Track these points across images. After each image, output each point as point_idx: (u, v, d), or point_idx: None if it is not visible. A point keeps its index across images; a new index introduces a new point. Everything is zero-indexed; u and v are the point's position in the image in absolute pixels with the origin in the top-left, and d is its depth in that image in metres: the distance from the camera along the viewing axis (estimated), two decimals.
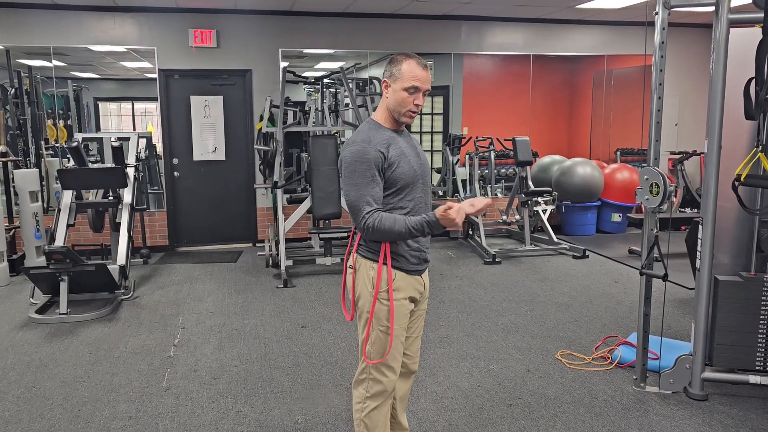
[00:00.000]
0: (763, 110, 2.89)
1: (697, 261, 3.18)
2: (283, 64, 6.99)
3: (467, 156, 7.56)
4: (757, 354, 3.18)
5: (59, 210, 5.37)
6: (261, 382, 3.48)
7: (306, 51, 7.36)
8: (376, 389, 2.25)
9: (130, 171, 5.63)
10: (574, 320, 4.50)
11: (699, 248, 3.15)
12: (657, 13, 3.09)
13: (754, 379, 3.16)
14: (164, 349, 4.01)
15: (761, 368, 3.19)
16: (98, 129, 7.40)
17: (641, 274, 3.24)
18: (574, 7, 6.85)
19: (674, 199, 6.80)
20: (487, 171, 7.75)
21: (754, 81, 2.89)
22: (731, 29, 2.96)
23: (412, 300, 2.27)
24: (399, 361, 2.28)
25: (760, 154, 2.93)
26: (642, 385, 3.34)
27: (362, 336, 2.25)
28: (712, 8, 2.98)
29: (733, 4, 2.94)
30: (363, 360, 2.26)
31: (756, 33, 2.87)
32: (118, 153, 5.48)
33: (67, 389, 3.41)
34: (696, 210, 7.16)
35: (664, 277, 3.08)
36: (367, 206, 2.09)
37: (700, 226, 3.13)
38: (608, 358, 3.75)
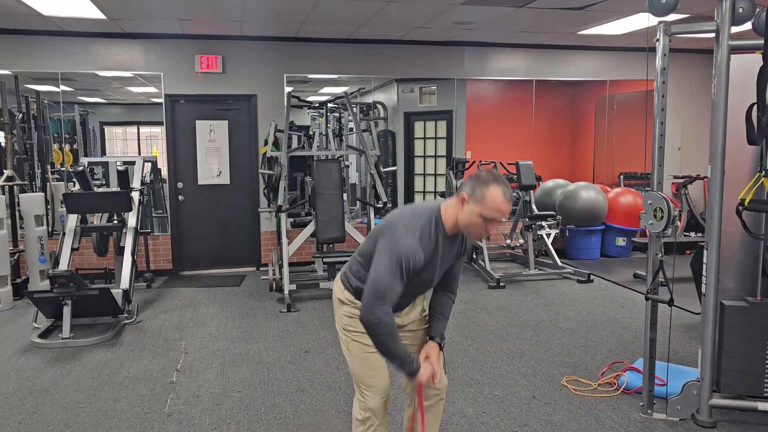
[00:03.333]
0: (765, 135, 2.90)
1: (703, 286, 3.17)
2: (287, 89, 7.07)
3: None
4: (765, 380, 3.14)
5: (64, 234, 5.38)
6: (264, 408, 3.45)
7: (310, 76, 7.44)
8: (364, 413, 2.30)
9: (135, 195, 5.66)
10: (579, 345, 4.47)
11: (704, 273, 3.14)
12: (658, 40, 3.12)
13: (762, 406, 3.13)
14: (167, 374, 3.99)
15: None
16: (104, 153, 7.46)
17: (647, 299, 3.22)
18: (575, 33, 6.93)
19: (678, 223, 6.80)
20: None
21: (755, 107, 2.91)
22: (732, 55, 2.99)
23: None
24: (377, 378, 2.29)
25: (763, 179, 2.94)
26: (649, 411, 3.30)
27: (347, 356, 2.37)
28: (712, 35, 3.01)
29: (733, 31, 2.97)
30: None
31: (756, 59, 2.90)
32: (124, 177, 5.52)
33: (69, 415, 3.39)
34: (700, 234, 7.13)
35: (670, 302, 3.07)
36: (389, 300, 2.05)
37: (705, 251, 3.12)
38: (614, 384, 3.71)
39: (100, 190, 5.87)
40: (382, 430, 2.31)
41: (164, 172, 7.05)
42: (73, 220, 5.43)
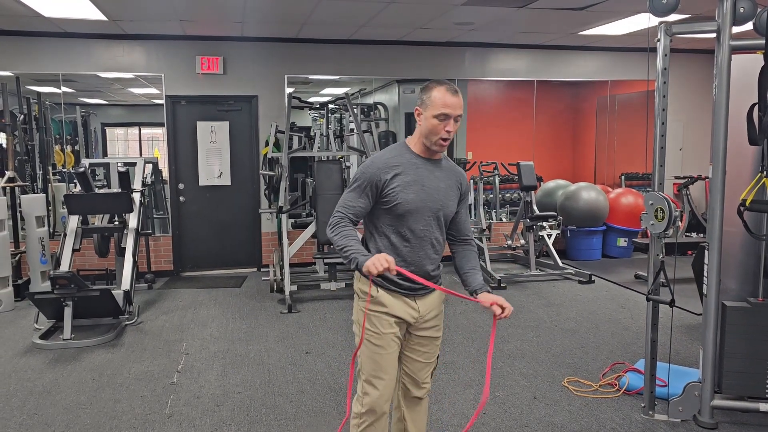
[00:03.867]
0: (767, 136, 2.89)
1: (704, 286, 3.16)
2: (288, 90, 7.07)
3: (472, 180, 7.58)
4: (767, 381, 3.14)
5: (65, 235, 5.38)
6: (265, 410, 3.45)
7: (311, 77, 7.44)
8: (364, 407, 2.27)
9: (136, 196, 5.66)
10: (580, 346, 4.46)
11: (705, 273, 3.13)
12: (659, 40, 3.11)
13: (764, 407, 3.12)
14: (168, 375, 3.99)
15: None
16: (105, 154, 7.47)
17: (648, 299, 3.21)
18: (576, 33, 6.92)
19: (680, 224, 6.77)
20: (491, 195, 7.75)
21: (756, 107, 2.90)
22: (733, 55, 2.98)
23: (402, 320, 2.26)
24: (382, 380, 2.25)
25: (765, 179, 2.93)
26: (650, 413, 3.29)
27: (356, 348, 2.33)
28: (713, 35, 3.00)
29: (734, 31, 2.97)
30: (358, 374, 2.32)
31: (758, 59, 2.90)
32: (125, 178, 5.52)
33: (70, 416, 3.39)
34: (702, 235, 7.12)
35: (671, 303, 3.06)
36: (343, 211, 2.20)
37: (706, 252, 3.12)
38: (616, 385, 3.70)
39: (102, 191, 5.87)
40: (380, 427, 2.28)
41: (165, 173, 7.05)
42: (74, 221, 5.44)
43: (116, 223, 5.66)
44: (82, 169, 5.33)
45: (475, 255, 2.45)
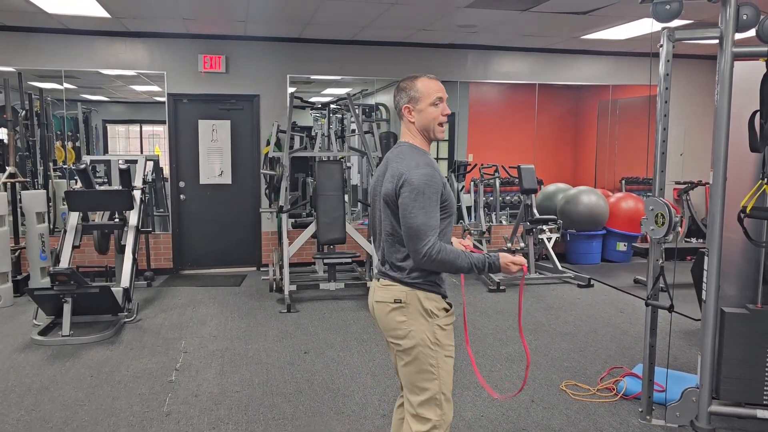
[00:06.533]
0: None
1: (703, 292, 3.16)
2: (290, 90, 7.08)
3: (472, 183, 7.58)
4: (765, 388, 3.14)
5: (65, 231, 5.39)
6: (262, 409, 3.45)
7: (313, 77, 7.44)
8: (445, 423, 2.23)
9: (137, 193, 5.66)
10: (578, 350, 4.46)
11: (705, 279, 3.13)
12: (662, 45, 3.12)
13: (762, 413, 3.12)
14: (166, 373, 3.99)
15: None
16: (106, 151, 7.47)
17: (647, 304, 3.22)
18: (579, 37, 6.93)
19: (680, 229, 6.77)
20: (492, 198, 7.76)
21: (758, 113, 2.91)
22: (735, 62, 2.98)
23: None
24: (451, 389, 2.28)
25: (765, 186, 2.93)
26: (648, 417, 3.29)
27: (410, 369, 2.20)
28: (716, 41, 3.01)
29: (737, 38, 2.97)
30: (417, 396, 2.20)
31: (760, 66, 2.90)
32: (125, 175, 5.53)
33: (68, 412, 3.39)
34: (701, 240, 7.13)
35: (670, 308, 3.06)
36: (432, 233, 2.00)
37: (706, 257, 3.12)
38: (613, 389, 3.70)
39: (102, 188, 5.88)
40: None
41: (166, 171, 7.05)
42: (74, 217, 5.44)
43: (116, 220, 5.67)
44: (83, 166, 5.34)
45: None
